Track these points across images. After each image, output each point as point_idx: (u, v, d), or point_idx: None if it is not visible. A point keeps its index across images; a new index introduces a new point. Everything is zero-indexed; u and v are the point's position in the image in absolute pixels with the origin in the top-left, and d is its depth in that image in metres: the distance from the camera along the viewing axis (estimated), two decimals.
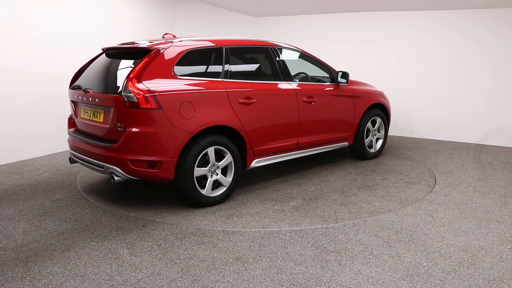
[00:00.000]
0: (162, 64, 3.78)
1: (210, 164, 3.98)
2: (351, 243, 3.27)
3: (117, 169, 3.71)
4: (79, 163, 4.23)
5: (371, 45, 7.77)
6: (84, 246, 3.20)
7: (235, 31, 8.35)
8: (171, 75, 3.81)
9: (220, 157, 4.08)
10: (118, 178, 3.77)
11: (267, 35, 8.44)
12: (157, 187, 4.60)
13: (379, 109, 5.88)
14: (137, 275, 2.79)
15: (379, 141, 6.02)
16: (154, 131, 3.64)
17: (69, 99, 4.50)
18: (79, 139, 4.16)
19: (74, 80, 4.47)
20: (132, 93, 3.57)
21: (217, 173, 4.06)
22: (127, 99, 3.59)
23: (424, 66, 7.39)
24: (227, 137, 4.13)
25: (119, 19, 6.71)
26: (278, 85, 4.64)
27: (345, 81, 5.24)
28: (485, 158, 6.09)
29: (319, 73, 5.40)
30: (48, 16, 5.66)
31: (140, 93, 3.57)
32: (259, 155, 4.45)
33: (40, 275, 2.77)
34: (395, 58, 7.61)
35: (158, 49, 3.85)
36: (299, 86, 4.84)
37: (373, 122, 5.83)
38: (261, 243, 3.26)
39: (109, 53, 4.33)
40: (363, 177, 5.01)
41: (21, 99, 5.46)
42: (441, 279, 2.76)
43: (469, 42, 6.96)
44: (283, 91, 4.65)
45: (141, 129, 3.62)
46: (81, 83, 4.24)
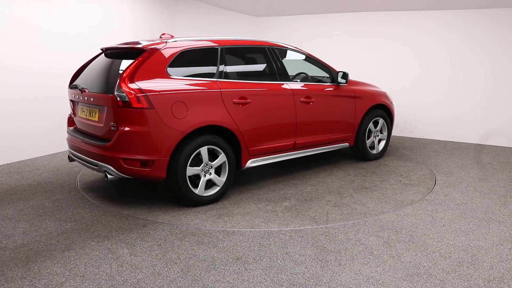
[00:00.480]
0: (155, 64, 3.83)
1: (203, 163, 4.00)
2: (351, 243, 3.27)
3: (110, 168, 3.77)
4: (77, 161, 4.29)
5: (371, 45, 7.77)
6: (84, 246, 3.20)
7: (235, 31, 8.35)
8: (165, 75, 3.84)
9: (214, 157, 4.10)
10: (111, 176, 3.82)
11: (267, 35, 8.44)
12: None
13: (382, 110, 5.82)
14: (137, 275, 2.79)
15: (382, 142, 5.94)
16: (145, 131, 3.68)
17: (68, 98, 4.56)
18: (76, 137, 4.22)
19: (73, 79, 4.54)
20: (124, 92, 3.62)
21: (210, 173, 4.07)
22: (119, 99, 3.64)
23: (424, 66, 7.39)
24: (222, 137, 4.14)
25: (119, 19, 6.71)
26: (274, 85, 4.62)
27: (345, 81, 5.21)
28: (485, 158, 6.09)
29: (320, 74, 5.38)
30: (48, 16, 5.67)
31: (132, 93, 3.61)
32: (255, 155, 4.45)
33: (40, 275, 2.77)
34: (395, 58, 7.61)
35: (151, 50, 3.89)
36: (297, 86, 4.83)
37: (376, 123, 5.77)
38: (261, 243, 3.26)
39: (108, 53, 4.38)
40: (362, 179, 4.98)
41: (21, 99, 5.47)
42: (441, 279, 2.76)
43: (469, 42, 6.96)
44: (280, 91, 4.63)
45: (133, 128, 3.67)
46: (78, 83, 4.33)
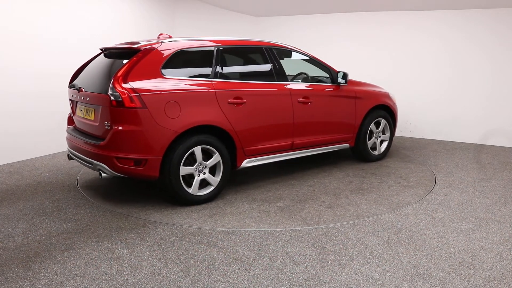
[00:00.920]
0: (149, 64, 3.86)
1: (197, 163, 4.02)
2: (351, 243, 3.27)
3: (104, 166, 3.81)
4: (75, 160, 4.34)
5: (371, 45, 7.77)
6: (84, 246, 3.20)
7: (235, 31, 8.35)
8: (159, 75, 3.87)
9: (209, 157, 4.12)
10: (105, 174, 3.89)
11: (267, 35, 8.44)
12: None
13: (384, 110, 5.76)
14: (137, 275, 2.79)
15: (384, 144, 5.86)
16: (138, 130, 3.71)
17: (68, 97, 4.61)
18: (74, 136, 4.29)
19: (73, 79, 4.59)
20: (117, 92, 3.66)
21: (204, 172, 4.09)
22: (113, 98, 3.68)
23: (424, 66, 7.39)
24: (217, 137, 4.15)
25: (119, 19, 6.71)
26: (271, 85, 4.60)
27: (344, 81, 5.17)
28: (485, 158, 6.09)
29: (320, 74, 5.34)
30: (48, 16, 5.66)
31: (125, 93, 3.65)
32: (250, 155, 4.44)
33: (40, 275, 2.77)
34: (395, 58, 7.61)
35: (146, 50, 3.93)
36: (294, 86, 4.80)
37: (378, 123, 5.71)
38: (261, 243, 3.26)
39: (106, 53, 4.42)
40: (360, 180, 4.94)
41: (21, 98, 5.46)
42: (441, 279, 2.76)
43: (469, 42, 6.96)
44: (276, 91, 4.62)
45: (126, 128, 3.71)
46: (77, 82, 4.39)
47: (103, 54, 4.46)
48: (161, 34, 4.46)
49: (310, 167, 5.46)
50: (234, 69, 4.56)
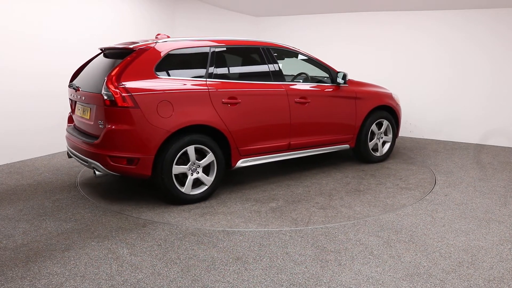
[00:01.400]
0: (143, 64, 3.90)
1: (190, 162, 4.04)
2: (351, 243, 3.27)
3: (98, 164, 3.87)
4: (73, 158, 4.39)
5: (371, 45, 7.77)
6: (84, 246, 3.20)
7: (235, 31, 8.35)
8: (152, 75, 3.91)
9: (204, 156, 4.13)
10: (99, 173, 3.95)
11: (267, 35, 8.44)
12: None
13: (387, 111, 5.68)
14: (137, 275, 2.79)
15: (386, 145, 5.76)
16: (130, 129, 3.76)
17: (68, 96, 4.67)
18: (72, 135, 4.35)
19: (73, 78, 4.63)
20: (110, 92, 3.71)
21: (198, 172, 4.10)
22: (106, 98, 3.75)
23: (424, 66, 7.39)
24: (211, 136, 4.17)
25: (119, 19, 6.71)
26: (267, 85, 4.59)
27: (343, 81, 5.13)
28: (485, 158, 6.08)
29: (321, 74, 5.31)
30: (48, 15, 5.67)
31: (117, 92, 3.70)
32: (245, 155, 4.44)
33: (40, 275, 2.77)
34: (395, 58, 7.61)
35: (140, 50, 3.97)
36: (291, 86, 4.77)
37: (380, 124, 5.62)
38: (261, 243, 3.26)
39: (105, 53, 4.45)
40: (358, 181, 4.88)
41: (21, 98, 5.47)
42: (441, 279, 2.76)
43: (469, 42, 6.96)
44: (272, 91, 4.60)
45: (118, 127, 3.76)
46: (75, 81, 4.46)
47: (102, 54, 4.48)
48: (158, 34, 4.47)
49: (309, 167, 5.44)
50: (229, 69, 4.55)
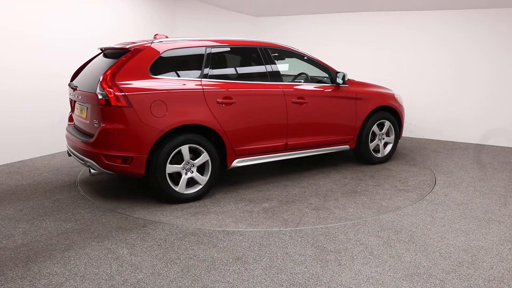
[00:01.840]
0: (137, 64, 3.94)
1: (184, 161, 4.06)
2: (351, 243, 3.27)
3: (93, 163, 3.92)
4: (72, 156, 4.43)
5: (371, 45, 7.77)
6: (84, 246, 3.20)
7: (235, 31, 8.35)
8: (146, 74, 3.94)
9: (199, 156, 4.15)
10: (94, 171, 4.00)
11: (267, 35, 8.44)
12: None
13: (389, 112, 5.60)
14: (137, 275, 2.79)
15: (388, 146, 5.68)
16: (124, 128, 3.80)
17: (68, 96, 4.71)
18: (71, 133, 4.41)
19: (73, 78, 4.67)
20: (104, 91, 3.76)
21: (192, 171, 4.12)
22: (101, 97, 3.79)
23: (424, 66, 7.39)
24: (206, 136, 4.18)
25: (119, 19, 6.71)
26: (263, 85, 4.58)
27: (342, 82, 5.08)
28: (485, 158, 6.08)
29: (321, 74, 5.27)
30: (48, 15, 5.67)
31: (111, 92, 3.75)
32: (241, 155, 4.44)
33: (40, 275, 2.77)
34: (395, 58, 7.60)
35: (134, 50, 4.01)
36: (288, 87, 4.74)
37: (381, 125, 5.55)
38: (261, 243, 3.26)
39: (105, 52, 4.47)
40: (356, 182, 4.83)
41: (21, 98, 5.47)
42: (441, 279, 2.76)
43: (469, 42, 6.96)
44: (269, 91, 4.59)
45: (112, 126, 3.81)
46: (74, 81, 4.52)
47: (102, 54, 4.50)
48: (157, 34, 4.49)
49: (309, 168, 5.42)
50: (224, 69, 4.54)
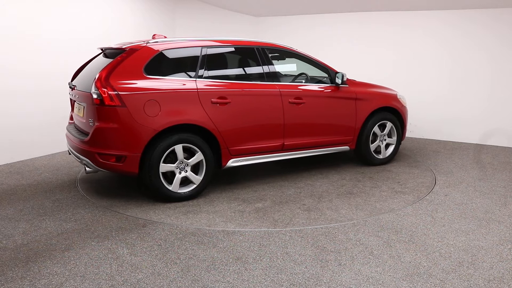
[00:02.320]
0: (132, 64, 3.98)
1: (178, 161, 4.08)
2: (351, 243, 3.27)
3: (88, 161, 3.98)
4: (72, 155, 4.47)
5: (371, 45, 7.77)
6: (84, 246, 3.20)
7: (235, 31, 8.35)
8: (141, 74, 3.97)
9: (193, 155, 4.17)
10: (89, 169, 4.08)
11: (267, 35, 8.44)
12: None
13: (391, 113, 5.52)
14: (137, 275, 2.79)
15: (390, 147, 5.60)
16: (117, 127, 3.85)
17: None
18: (70, 132, 4.47)
19: (74, 77, 4.71)
20: (98, 91, 3.80)
21: (186, 170, 4.14)
22: (96, 97, 3.84)
23: (424, 66, 7.39)
24: (201, 136, 4.19)
25: (119, 19, 6.71)
26: (258, 85, 4.57)
27: (340, 82, 5.01)
28: (485, 158, 6.08)
29: (321, 74, 5.22)
30: (48, 15, 5.67)
31: (105, 91, 3.79)
32: (236, 154, 4.44)
33: (40, 275, 2.77)
34: (395, 58, 7.60)
35: (130, 50, 4.06)
36: (285, 87, 4.71)
37: (383, 126, 5.47)
38: (261, 243, 3.26)
39: (105, 52, 4.49)
40: (354, 184, 4.78)
41: (21, 98, 5.47)
42: (441, 279, 2.76)
43: (469, 42, 6.96)
44: (265, 91, 4.57)
45: (106, 125, 3.86)
46: (73, 81, 4.57)
47: (103, 54, 4.51)
48: (155, 34, 4.50)
49: (308, 168, 5.38)
50: (219, 69, 4.53)
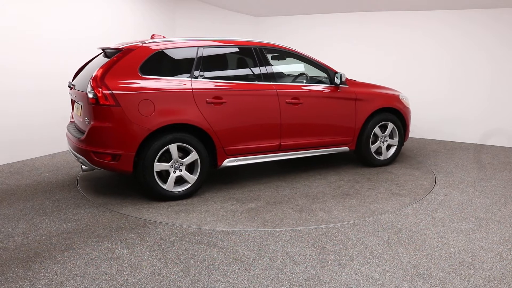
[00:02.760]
0: (127, 64, 4.02)
1: (172, 160, 4.11)
2: (351, 243, 3.27)
3: (84, 159, 4.05)
4: (71, 154, 4.51)
5: (371, 45, 7.77)
6: (84, 246, 3.20)
7: (235, 31, 8.36)
8: (136, 74, 4.01)
9: (188, 155, 4.20)
10: (85, 167, 4.19)
11: (267, 36, 8.44)
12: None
13: (393, 113, 5.45)
14: (137, 275, 2.79)
15: (392, 148, 5.53)
16: (112, 126, 3.90)
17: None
18: (69, 131, 4.53)
19: (74, 77, 4.74)
20: (93, 90, 3.86)
21: (181, 170, 4.16)
22: (91, 96, 3.90)
23: (424, 66, 7.39)
24: (196, 135, 4.21)
25: (119, 19, 6.71)
26: (254, 85, 4.56)
27: (339, 82, 4.97)
28: (485, 158, 6.08)
29: (320, 75, 5.18)
30: (48, 15, 5.67)
31: (100, 91, 3.84)
32: (232, 154, 4.44)
33: (40, 275, 2.77)
34: (395, 58, 7.61)
35: (126, 50, 4.09)
36: (282, 87, 4.69)
37: (384, 127, 5.40)
38: (261, 243, 3.26)
39: (105, 52, 4.50)
40: (351, 185, 4.73)
41: (21, 98, 5.47)
42: (441, 279, 2.76)
43: (469, 42, 6.96)
44: (261, 91, 4.56)
45: (101, 124, 3.91)
46: (73, 80, 4.63)
47: (103, 53, 4.52)
48: (153, 34, 4.51)
49: (306, 169, 5.34)
50: (215, 69, 4.51)
